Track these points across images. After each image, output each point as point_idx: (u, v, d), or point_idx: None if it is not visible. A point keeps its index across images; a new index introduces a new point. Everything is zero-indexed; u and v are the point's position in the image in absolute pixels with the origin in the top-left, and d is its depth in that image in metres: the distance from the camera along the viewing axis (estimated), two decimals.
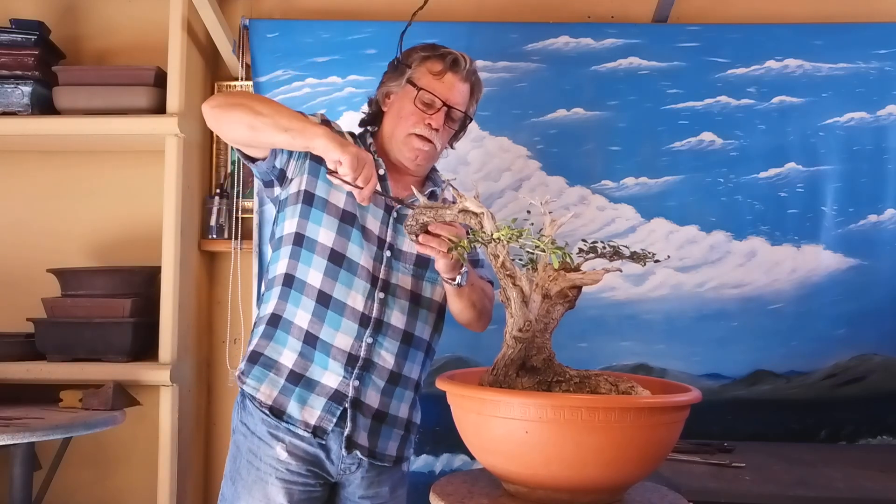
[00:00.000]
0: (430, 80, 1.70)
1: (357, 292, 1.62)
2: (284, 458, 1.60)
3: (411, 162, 1.72)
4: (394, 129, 1.72)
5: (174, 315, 2.22)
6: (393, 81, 1.75)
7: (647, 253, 1.31)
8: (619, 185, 2.37)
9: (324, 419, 1.60)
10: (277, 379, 1.62)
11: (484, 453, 1.28)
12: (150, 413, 2.25)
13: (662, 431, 1.21)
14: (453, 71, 1.70)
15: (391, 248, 1.68)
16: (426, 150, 1.70)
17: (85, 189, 2.50)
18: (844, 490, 1.64)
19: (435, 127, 1.68)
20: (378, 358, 1.64)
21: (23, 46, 2.30)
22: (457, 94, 1.71)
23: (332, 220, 1.64)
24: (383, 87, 1.78)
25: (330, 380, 1.61)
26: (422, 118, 1.69)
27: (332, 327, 1.61)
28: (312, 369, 1.62)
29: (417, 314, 1.69)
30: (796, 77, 2.37)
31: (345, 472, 1.65)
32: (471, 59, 1.74)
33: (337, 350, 1.61)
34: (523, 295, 1.28)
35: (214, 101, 1.59)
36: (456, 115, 1.73)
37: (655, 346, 2.33)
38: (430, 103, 1.69)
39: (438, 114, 1.69)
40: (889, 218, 2.34)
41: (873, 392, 2.31)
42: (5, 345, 2.26)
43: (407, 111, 1.70)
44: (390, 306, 1.65)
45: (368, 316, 1.63)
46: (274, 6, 2.51)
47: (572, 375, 1.32)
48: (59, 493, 2.30)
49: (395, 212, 1.69)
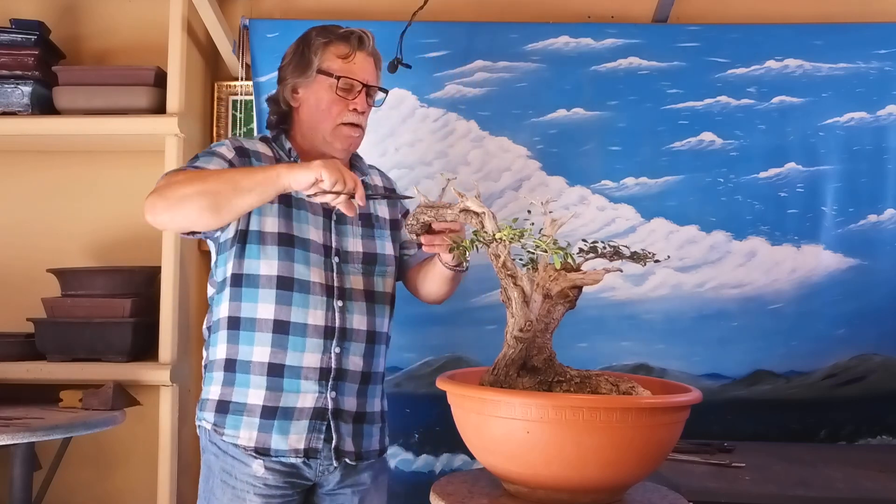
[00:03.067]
0: (342, 64, 1.65)
1: (315, 308, 1.60)
2: (262, 473, 1.57)
3: (344, 152, 1.69)
4: (317, 124, 1.67)
5: (174, 315, 2.22)
6: (298, 75, 1.68)
7: (648, 253, 1.31)
8: (619, 185, 2.36)
9: (312, 439, 1.59)
10: (252, 419, 1.58)
11: (484, 453, 1.28)
12: (150, 413, 2.25)
13: (663, 431, 1.21)
14: (361, 49, 1.67)
15: (338, 252, 1.66)
16: (356, 136, 1.69)
17: (85, 189, 2.50)
18: (844, 490, 1.64)
19: (361, 110, 1.66)
20: (348, 364, 1.63)
21: (23, 46, 2.30)
22: (370, 72, 1.68)
23: (271, 248, 1.60)
24: (286, 82, 1.70)
25: (307, 400, 1.59)
26: (345, 105, 1.65)
27: (297, 350, 1.59)
28: (285, 397, 1.58)
29: (375, 311, 1.68)
30: (796, 77, 2.37)
31: (323, 473, 1.63)
32: (370, 31, 1.69)
33: (307, 370, 1.59)
34: (524, 295, 1.28)
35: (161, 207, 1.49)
36: (373, 91, 1.70)
37: (655, 346, 2.33)
38: (349, 88, 1.65)
39: (360, 96, 1.65)
40: (889, 218, 2.34)
41: (873, 392, 2.31)
42: (5, 345, 2.26)
43: (327, 101, 1.65)
44: (350, 311, 1.63)
45: (332, 327, 1.61)
46: (274, 6, 2.51)
47: (573, 375, 1.32)
48: (59, 493, 2.30)
49: (334, 214, 1.67)
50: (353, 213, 1.48)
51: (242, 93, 2.48)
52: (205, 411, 1.63)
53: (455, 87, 2.37)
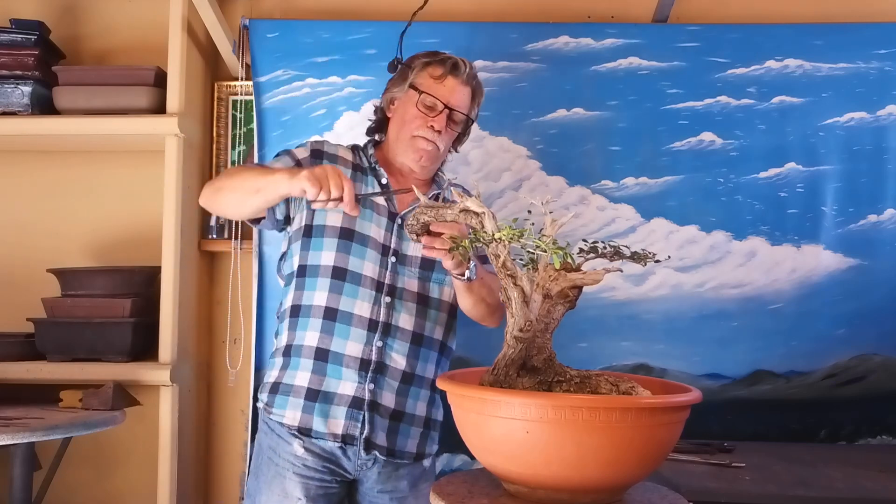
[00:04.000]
0: (432, 83, 1.75)
1: (363, 300, 1.69)
2: (301, 454, 1.67)
3: (415, 163, 1.77)
4: (398, 133, 1.78)
5: (174, 315, 2.22)
6: (396, 87, 1.81)
7: (648, 253, 1.31)
8: (619, 185, 2.37)
9: (349, 426, 1.67)
10: (297, 400, 1.68)
11: (484, 453, 1.28)
12: (150, 413, 2.25)
13: (663, 431, 1.21)
14: (453, 75, 1.76)
15: (396, 253, 1.73)
16: (429, 150, 1.75)
17: (85, 189, 2.50)
18: (844, 490, 1.64)
19: (437, 129, 1.73)
20: (389, 360, 1.70)
21: (23, 46, 2.30)
22: (457, 96, 1.76)
23: (331, 240, 1.71)
24: (387, 93, 1.84)
25: (346, 388, 1.67)
26: (424, 121, 1.74)
27: (342, 337, 1.68)
28: (328, 382, 1.68)
29: (426, 315, 1.75)
30: (796, 77, 2.37)
31: (362, 469, 1.70)
32: (471, 63, 1.79)
33: (349, 358, 1.67)
34: (524, 295, 1.28)
35: (204, 196, 1.72)
36: (457, 117, 1.77)
37: (655, 346, 2.33)
38: (432, 106, 1.75)
39: (440, 116, 1.74)
40: (889, 218, 2.34)
41: (873, 392, 2.31)
42: (5, 345, 2.25)
43: (410, 115, 1.76)
44: (397, 309, 1.71)
45: (376, 321, 1.69)
46: (274, 6, 2.51)
47: (573, 375, 1.32)
48: (59, 493, 2.30)
49: (399, 219, 1.74)
50: (356, 213, 1.54)
51: (242, 93, 2.47)
52: (262, 392, 1.76)
53: None
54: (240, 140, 2.49)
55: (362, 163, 1.81)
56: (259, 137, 2.38)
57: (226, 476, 2.46)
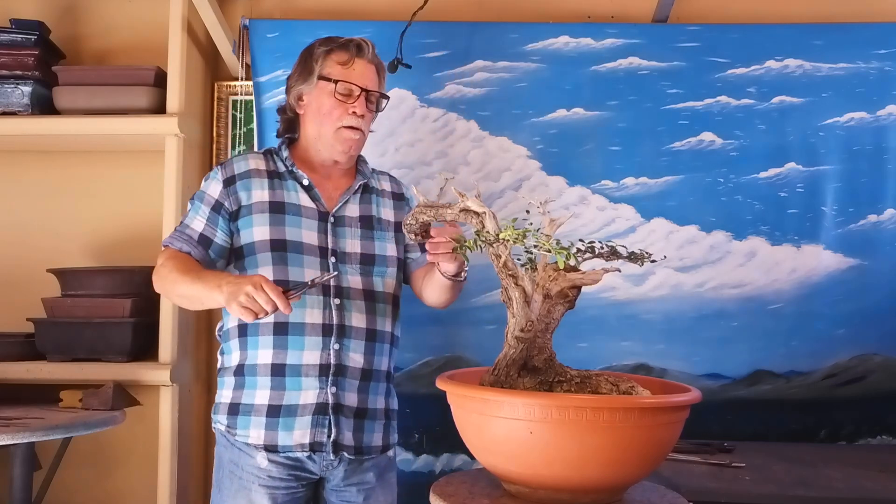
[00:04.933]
0: (341, 70, 1.73)
1: (312, 308, 1.67)
2: (265, 465, 1.65)
3: (344, 154, 1.76)
4: (319, 128, 1.75)
5: (174, 315, 2.22)
6: (302, 82, 1.77)
7: (645, 253, 1.31)
8: (619, 185, 2.36)
9: (316, 434, 1.66)
10: (259, 419, 1.66)
11: (485, 453, 1.28)
12: (150, 413, 2.25)
13: (664, 431, 1.21)
14: (359, 56, 1.75)
15: (335, 253, 1.72)
16: (356, 138, 1.75)
17: (85, 189, 2.50)
18: (844, 490, 1.64)
19: (360, 114, 1.73)
20: (348, 360, 1.69)
21: (23, 46, 2.30)
22: (369, 77, 1.76)
23: (264, 255, 1.68)
24: (292, 90, 1.79)
25: (308, 397, 1.66)
26: (345, 109, 1.73)
27: (297, 349, 1.66)
28: (288, 395, 1.66)
29: (375, 310, 1.73)
30: (796, 77, 2.36)
31: (328, 469, 1.69)
32: (370, 41, 1.78)
33: (307, 367, 1.66)
34: (525, 295, 1.28)
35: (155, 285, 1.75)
36: (373, 97, 1.77)
37: (655, 346, 2.32)
38: (349, 93, 1.73)
39: (360, 100, 1.73)
40: (889, 218, 2.34)
41: (873, 392, 2.31)
42: (5, 345, 2.25)
43: (328, 106, 1.73)
44: (348, 309, 1.70)
45: (329, 324, 1.68)
46: (274, 6, 2.51)
47: (573, 375, 1.32)
48: (59, 493, 2.30)
49: (332, 216, 1.73)
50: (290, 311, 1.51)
51: (242, 93, 2.48)
52: (218, 414, 1.73)
53: (455, 87, 2.37)
54: (240, 140, 2.49)
55: (278, 167, 1.77)
56: (259, 137, 2.38)
57: None
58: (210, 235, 1.70)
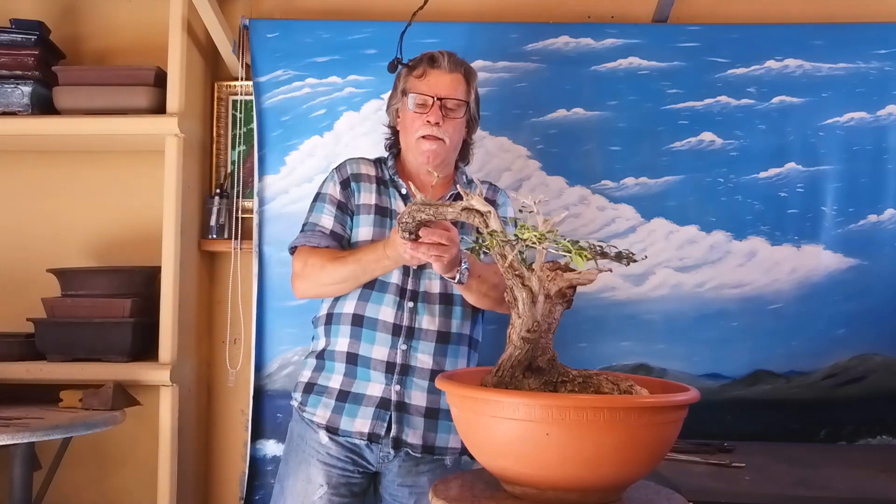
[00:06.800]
0: (417, 83, 1.83)
1: (387, 306, 1.78)
2: (326, 442, 1.77)
3: (424, 164, 1.82)
4: (406, 140, 1.86)
5: (174, 315, 2.22)
6: (394, 100, 1.90)
7: (630, 253, 1.32)
8: (619, 185, 2.36)
9: (375, 426, 1.74)
10: (329, 401, 1.78)
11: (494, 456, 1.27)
12: (150, 413, 2.25)
13: (666, 430, 1.21)
14: (432, 66, 1.82)
15: None
16: (434, 147, 1.80)
17: (85, 189, 2.50)
18: (844, 490, 1.64)
19: (434, 122, 1.78)
20: (415, 361, 1.77)
21: (23, 46, 2.30)
22: (444, 85, 1.81)
23: None
24: (390, 108, 1.92)
25: (374, 390, 1.76)
26: (421, 119, 1.79)
27: (369, 342, 1.77)
28: (357, 384, 1.77)
29: (450, 313, 1.81)
30: (796, 77, 2.37)
31: (383, 462, 1.78)
32: (449, 52, 1.84)
33: (376, 361, 1.76)
34: (532, 295, 1.27)
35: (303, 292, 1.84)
36: (451, 104, 1.81)
37: (655, 346, 2.33)
38: (423, 103, 1.80)
39: (433, 109, 1.79)
40: (889, 218, 2.34)
41: (873, 392, 2.31)
42: (5, 345, 2.25)
43: (409, 119, 1.83)
44: (420, 313, 1.78)
45: (400, 325, 1.77)
46: (274, 6, 2.51)
47: (575, 376, 1.32)
48: (59, 493, 2.30)
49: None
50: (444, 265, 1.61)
51: (242, 93, 2.47)
52: (297, 392, 1.86)
53: None
54: (240, 140, 2.49)
55: (384, 175, 1.89)
56: (259, 137, 2.38)
57: (226, 476, 2.46)
58: (340, 231, 1.84)
